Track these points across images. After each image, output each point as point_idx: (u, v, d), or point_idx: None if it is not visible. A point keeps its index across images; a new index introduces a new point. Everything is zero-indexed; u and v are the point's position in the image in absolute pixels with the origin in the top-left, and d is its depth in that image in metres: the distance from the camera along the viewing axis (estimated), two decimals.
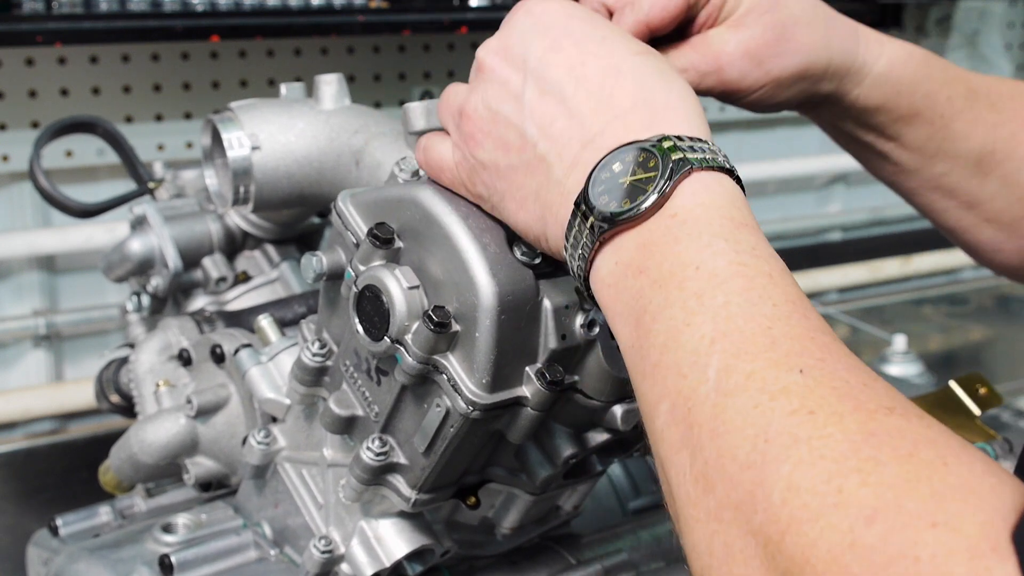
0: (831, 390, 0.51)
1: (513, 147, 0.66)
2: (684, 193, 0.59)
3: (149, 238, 1.15)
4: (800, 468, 0.48)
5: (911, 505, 0.45)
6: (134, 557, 0.94)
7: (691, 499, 0.53)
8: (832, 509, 0.46)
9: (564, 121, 0.64)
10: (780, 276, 0.57)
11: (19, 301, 1.82)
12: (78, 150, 1.74)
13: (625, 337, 0.59)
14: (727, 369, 0.53)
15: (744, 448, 0.50)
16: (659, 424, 0.56)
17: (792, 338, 0.53)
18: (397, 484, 0.79)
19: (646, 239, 0.59)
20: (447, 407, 0.71)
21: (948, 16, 2.40)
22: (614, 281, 0.60)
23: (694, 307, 0.55)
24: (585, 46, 0.65)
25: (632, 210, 0.59)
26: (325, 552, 0.86)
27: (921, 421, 0.49)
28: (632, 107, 0.62)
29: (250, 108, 1.03)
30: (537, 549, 0.96)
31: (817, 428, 0.49)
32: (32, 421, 1.81)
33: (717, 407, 0.52)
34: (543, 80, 0.65)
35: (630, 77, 0.63)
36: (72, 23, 1.60)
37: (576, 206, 0.61)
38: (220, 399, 1.00)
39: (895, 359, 1.93)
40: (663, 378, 0.55)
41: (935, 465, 0.46)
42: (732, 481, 0.50)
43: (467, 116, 0.69)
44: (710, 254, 0.57)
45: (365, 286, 0.72)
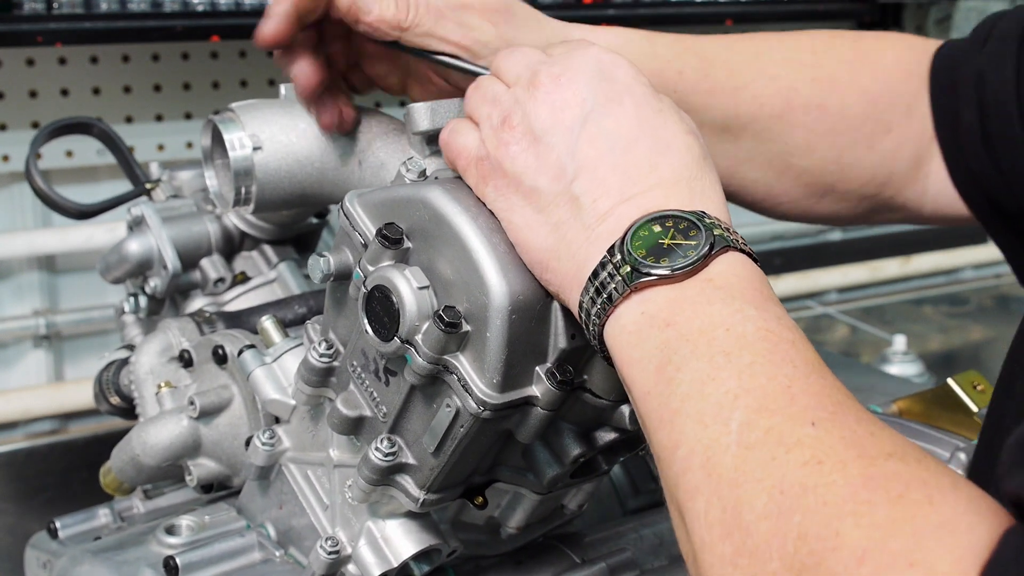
0: (839, 439, 0.54)
1: (547, 173, 0.68)
2: (720, 264, 0.63)
3: (147, 239, 1.14)
4: (808, 516, 0.51)
5: (895, 545, 0.48)
6: (138, 559, 0.94)
7: (706, 544, 0.55)
8: (831, 553, 0.49)
9: (608, 172, 0.66)
10: (802, 343, 0.61)
11: (19, 301, 1.82)
12: (78, 150, 1.74)
13: (641, 384, 0.62)
14: (748, 424, 0.56)
15: (761, 499, 0.53)
16: (675, 470, 0.58)
17: (809, 395, 0.57)
18: (405, 484, 0.79)
19: (679, 296, 0.62)
20: (457, 407, 0.71)
21: (948, 16, 2.40)
22: (637, 329, 0.63)
23: (721, 363, 0.58)
24: (643, 111, 0.68)
25: (671, 267, 0.62)
26: (332, 553, 0.85)
27: (919, 464, 0.52)
28: (675, 182, 0.66)
29: (251, 108, 1.03)
30: (542, 548, 0.96)
31: (823, 476, 0.52)
32: (32, 421, 1.81)
33: (737, 458, 0.55)
34: (598, 126, 0.68)
35: (676, 155, 0.67)
36: (72, 23, 1.59)
37: (609, 253, 0.64)
38: (223, 400, 1.00)
39: (895, 359, 1.93)
40: (682, 426, 0.58)
41: (921, 504, 0.50)
42: (748, 530, 0.53)
43: (509, 124, 0.70)
44: (740, 318, 0.60)
45: (374, 287, 0.72)
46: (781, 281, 2.35)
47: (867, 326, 2.25)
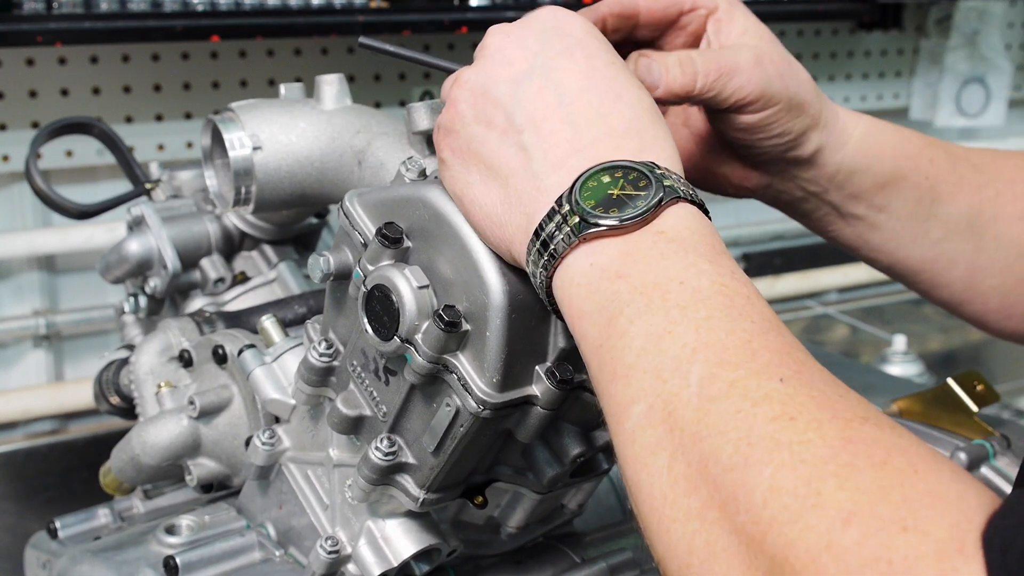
0: (810, 398, 0.53)
1: (495, 126, 0.68)
2: (671, 216, 0.62)
3: (147, 239, 1.14)
4: (781, 471, 0.50)
5: (884, 510, 0.47)
6: (138, 559, 0.94)
7: (668, 500, 0.54)
8: (811, 511, 0.48)
9: (557, 123, 0.66)
10: (757, 299, 0.60)
11: (19, 301, 1.82)
12: (78, 150, 1.74)
13: (592, 337, 0.61)
14: (710, 377, 0.55)
15: (727, 451, 0.52)
16: (630, 425, 0.57)
17: (771, 351, 0.56)
18: (405, 484, 0.79)
19: (631, 248, 0.61)
20: (457, 406, 0.71)
21: (948, 16, 2.40)
22: (586, 281, 0.62)
23: (677, 317, 0.58)
24: (594, 63, 0.68)
25: (620, 216, 0.61)
26: (332, 552, 0.85)
27: (893, 431, 0.52)
28: (625, 132, 0.66)
29: (251, 108, 1.03)
30: (542, 548, 0.96)
31: (798, 433, 0.51)
32: (32, 421, 1.81)
33: (700, 411, 0.54)
34: (547, 78, 0.67)
35: (627, 105, 0.67)
36: (72, 23, 1.59)
37: (557, 203, 0.63)
38: (222, 400, 1.00)
39: (895, 359, 1.93)
40: (639, 380, 0.57)
41: (906, 472, 0.49)
42: (715, 483, 0.52)
43: (459, 83, 0.71)
44: (695, 272, 0.59)
45: (374, 286, 0.72)
46: (781, 281, 2.35)
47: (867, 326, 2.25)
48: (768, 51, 0.84)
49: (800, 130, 0.86)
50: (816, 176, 0.90)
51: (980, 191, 0.92)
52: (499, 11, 1.86)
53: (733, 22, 0.85)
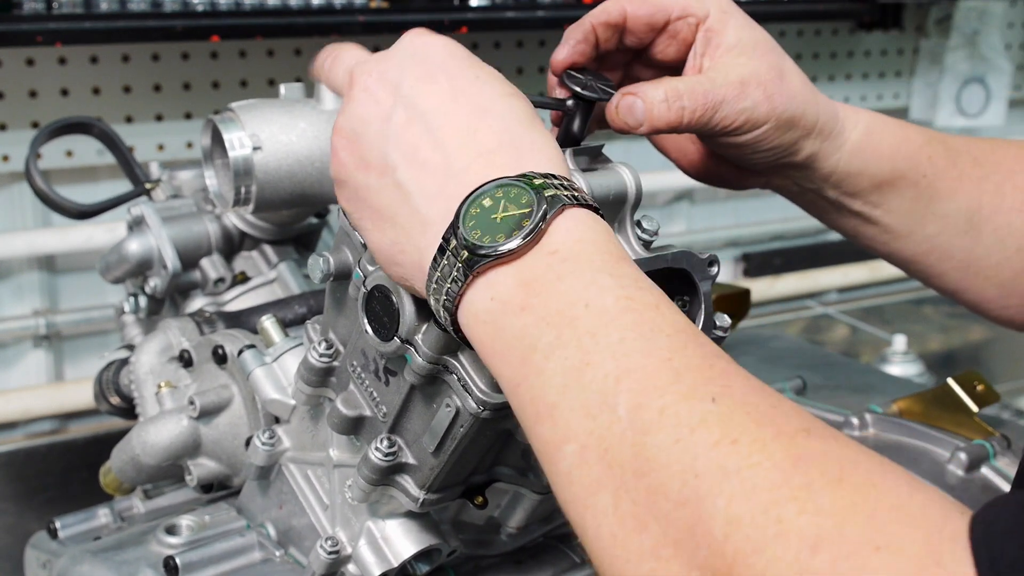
0: (746, 416, 0.52)
1: (373, 168, 0.66)
2: (560, 229, 0.60)
3: (147, 239, 1.14)
4: (736, 501, 0.49)
5: (851, 531, 0.46)
6: (138, 559, 0.94)
7: (619, 540, 0.53)
8: (775, 540, 0.47)
9: (428, 152, 0.64)
10: (666, 306, 0.58)
11: (19, 301, 1.82)
12: (78, 150, 1.74)
13: (508, 377, 0.59)
14: (638, 407, 0.53)
15: (675, 485, 0.51)
16: (565, 466, 0.56)
17: (693, 369, 0.54)
18: (405, 484, 0.79)
19: (526, 277, 0.59)
20: (457, 407, 0.71)
21: (948, 16, 2.40)
22: (490, 319, 0.60)
23: (590, 346, 0.56)
24: (457, 82, 0.66)
25: (508, 244, 0.59)
26: (332, 552, 0.85)
27: (838, 442, 0.51)
28: (497, 147, 0.63)
29: (251, 108, 1.03)
30: (542, 548, 0.96)
31: (743, 458, 0.50)
32: (32, 421, 1.81)
33: (637, 446, 0.52)
34: (412, 108, 0.65)
35: (497, 118, 0.64)
36: (72, 23, 1.59)
37: (445, 240, 0.61)
38: (223, 400, 1.00)
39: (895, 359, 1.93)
40: (566, 420, 0.56)
41: (866, 488, 0.48)
42: (668, 519, 0.51)
43: (336, 131, 0.69)
44: (597, 291, 0.58)
45: (374, 286, 0.72)
46: (781, 281, 2.36)
47: (867, 326, 2.25)
48: (756, 71, 0.82)
49: (790, 142, 0.85)
50: (811, 176, 0.90)
51: (980, 185, 0.92)
52: (499, 11, 1.86)
53: (724, 34, 0.83)
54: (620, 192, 0.75)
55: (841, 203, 0.92)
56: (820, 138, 0.87)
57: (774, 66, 0.83)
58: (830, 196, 0.91)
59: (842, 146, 0.88)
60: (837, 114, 0.88)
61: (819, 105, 0.86)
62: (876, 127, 0.90)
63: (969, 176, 0.92)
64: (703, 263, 0.76)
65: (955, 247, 0.93)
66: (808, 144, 0.87)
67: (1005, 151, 0.94)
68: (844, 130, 0.88)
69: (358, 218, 0.69)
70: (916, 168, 0.90)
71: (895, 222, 0.92)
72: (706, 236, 2.33)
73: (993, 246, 0.93)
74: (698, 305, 0.76)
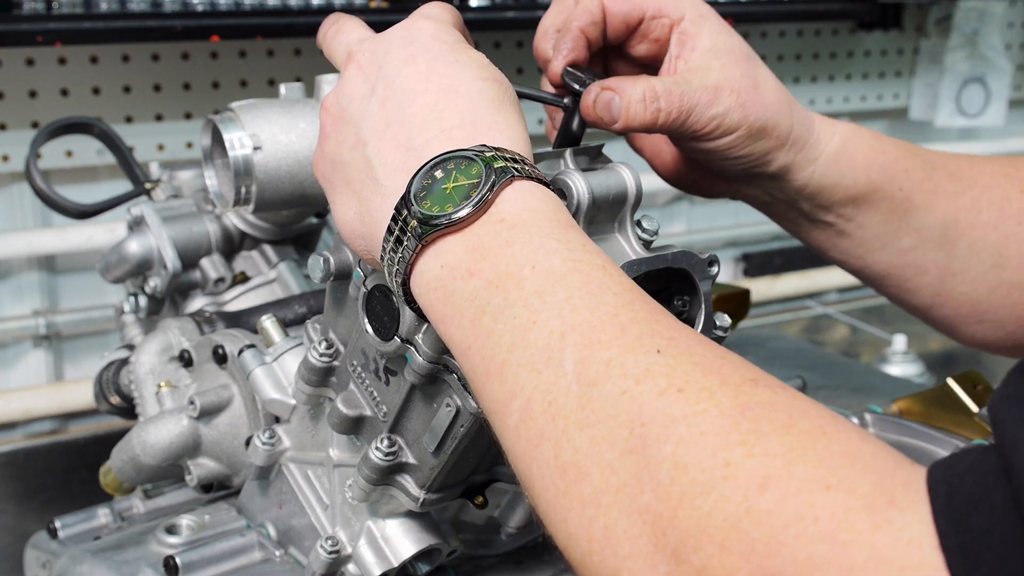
0: (692, 366, 0.52)
1: (347, 144, 0.68)
2: (508, 199, 0.61)
3: (147, 239, 1.14)
4: (683, 445, 0.49)
5: (801, 471, 0.47)
6: (138, 559, 0.94)
7: (560, 489, 0.54)
8: (723, 481, 0.47)
9: (396, 129, 0.66)
10: (612, 268, 0.59)
11: (19, 301, 1.82)
12: (78, 150, 1.74)
13: (459, 340, 0.60)
14: (584, 360, 0.54)
15: (621, 434, 0.51)
16: (513, 421, 0.56)
17: (639, 322, 0.55)
18: (405, 484, 0.79)
19: (475, 243, 0.60)
20: (457, 406, 0.71)
21: (948, 16, 2.40)
22: (440, 285, 0.61)
23: (537, 305, 0.57)
24: (435, 64, 0.67)
25: (457, 211, 0.60)
26: (332, 552, 0.85)
27: (786, 392, 0.51)
28: (459, 124, 0.65)
29: (251, 108, 1.03)
30: (542, 548, 0.96)
31: (690, 405, 0.50)
32: (32, 421, 1.81)
33: (582, 397, 0.53)
34: (390, 88, 0.67)
35: (464, 99, 0.66)
36: (72, 23, 1.59)
37: (397, 210, 0.63)
38: (223, 400, 1.00)
39: (895, 359, 1.93)
40: (513, 376, 0.56)
41: (815, 435, 0.48)
42: (611, 467, 0.51)
43: (323, 107, 0.72)
44: (544, 254, 0.59)
45: (375, 286, 0.72)
46: (781, 281, 2.35)
47: (867, 326, 2.25)
48: (730, 77, 0.82)
49: (762, 152, 0.85)
50: (783, 187, 0.89)
51: (956, 199, 0.91)
52: (499, 11, 1.86)
53: (699, 38, 0.83)
54: (620, 192, 0.75)
55: (814, 215, 0.92)
56: (794, 149, 0.87)
57: (748, 74, 0.84)
58: (803, 207, 0.91)
59: (817, 158, 0.88)
60: (813, 125, 0.88)
61: (793, 116, 0.86)
62: (851, 139, 0.89)
63: (945, 190, 0.91)
64: (703, 263, 0.76)
65: (930, 261, 0.92)
66: (781, 155, 0.86)
67: (982, 167, 0.93)
68: (819, 142, 0.88)
69: (329, 190, 0.71)
70: (892, 181, 0.90)
71: (869, 235, 0.92)
72: (706, 236, 2.33)
73: (969, 261, 0.92)
74: (698, 305, 0.76)
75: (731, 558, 0.46)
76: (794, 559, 0.45)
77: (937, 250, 0.92)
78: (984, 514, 0.44)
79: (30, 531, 1.12)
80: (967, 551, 0.43)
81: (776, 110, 0.85)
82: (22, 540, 1.12)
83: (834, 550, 0.44)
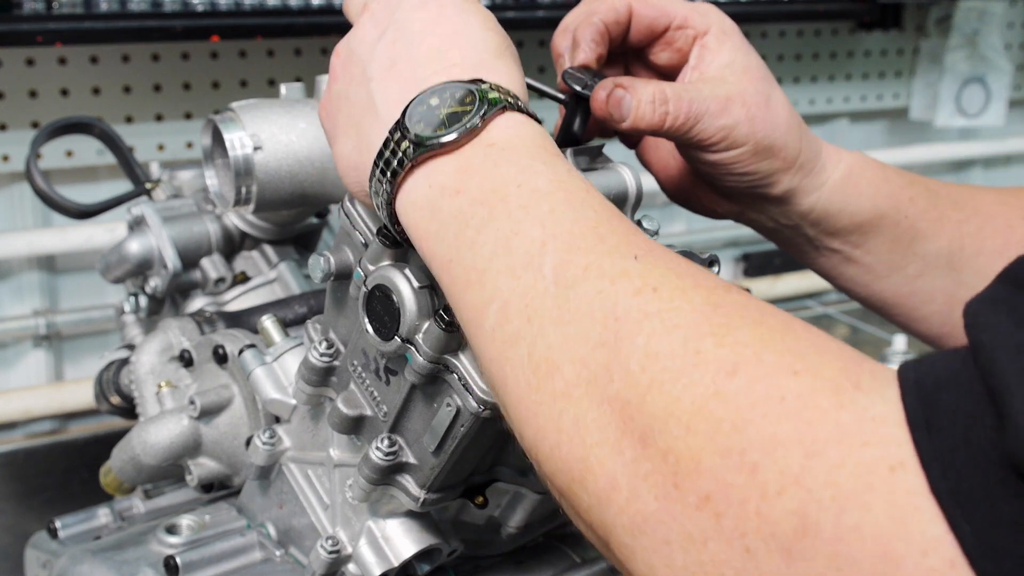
0: (668, 270, 0.54)
1: (354, 81, 0.70)
2: (499, 127, 0.64)
3: (147, 239, 1.14)
4: (655, 337, 0.51)
5: (770, 358, 0.48)
6: (138, 559, 0.94)
7: (532, 385, 0.55)
8: (692, 368, 0.49)
9: (401, 66, 0.68)
10: (596, 193, 0.61)
11: (19, 301, 1.82)
12: (78, 150, 1.74)
13: (441, 255, 0.62)
14: (563, 264, 0.55)
15: (595, 330, 0.53)
16: (489, 324, 0.58)
17: (618, 234, 0.57)
18: (406, 484, 0.79)
19: (463, 164, 0.62)
20: (457, 406, 0.71)
21: (948, 16, 2.40)
22: (427, 203, 0.63)
23: (520, 217, 0.59)
24: (445, 11, 0.70)
25: (448, 134, 0.62)
26: (332, 552, 0.85)
27: (757, 299, 0.53)
28: (460, 62, 0.67)
29: (251, 108, 1.03)
30: (542, 548, 0.96)
31: (664, 302, 0.52)
32: (32, 421, 1.81)
33: (559, 298, 0.55)
34: (399, 31, 0.69)
35: (469, 42, 0.68)
36: (72, 23, 1.59)
37: (391, 134, 0.65)
38: (223, 400, 1.00)
39: (895, 359, 1.93)
40: (493, 282, 0.58)
41: (784, 330, 0.50)
42: (583, 360, 0.53)
43: (335, 52, 0.74)
44: (531, 174, 0.61)
45: (375, 286, 0.72)
46: (781, 281, 2.36)
47: (867, 326, 2.25)
48: (745, 92, 0.83)
49: (768, 171, 0.86)
50: (788, 212, 0.90)
51: (961, 227, 0.92)
52: (499, 11, 1.86)
53: (719, 53, 0.84)
54: (620, 192, 0.75)
55: (820, 241, 0.92)
56: (800, 174, 0.87)
57: (761, 92, 0.84)
58: (808, 234, 0.91)
59: (822, 184, 0.88)
60: (820, 152, 0.88)
61: (802, 140, 0.87)
62: (857, 167, 0.90)
63: (950, 218, 0.92)
64: (703, 263, 0.76)
65: (937, 288, 0.92)
66: (787, 178, 0.87)
67: (984, 196, 0.94)
68: (825, 168, 0.88)
69: (330, 126, 0.73)
70: (897, 209, 0.90)
71: (876, 262, 0.92)
72: (706, 236, 2.33)
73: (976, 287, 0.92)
74: None
75: (696, 439, 0.47)
76: (759, 436, 0.46)
77: (944, 277, 0.92)
78: (951, 392, 0.44)
79: (30, 531, 1.12)
80: (932, 425, 0.44)
81: (785, 131, 0.85)
82: (22, 540, 1.13)
83: (798, 428, 0.45)
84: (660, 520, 0.48)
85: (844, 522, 0.43)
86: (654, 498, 0.49)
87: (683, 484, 0.48)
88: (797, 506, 0.44)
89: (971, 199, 0.93)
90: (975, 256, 0.92)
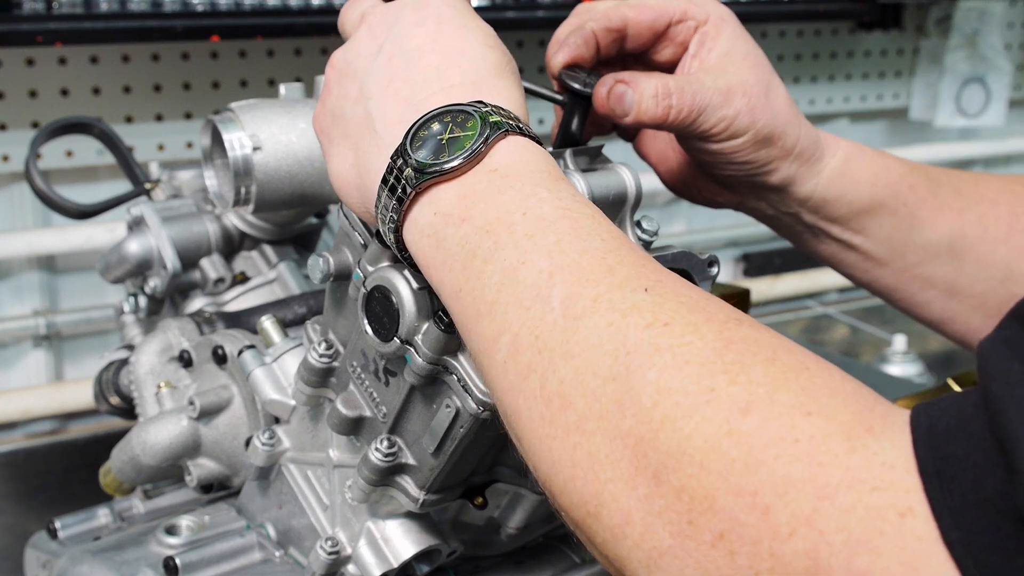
0: (679, 304, 0.53)
1: (350, 98, 0.70)
2: (501, 152, 0.63)
3: (147, 239, 1.14)
4: (667, 372, 0.50)
5: (784, 397, 0.48)
6: (138, 559, 0.94)
7: (545, 419, 0.54)
8: (705, 405, 0.48)
9: (399, 84, 0.67)
10: (601, 218, 0.61)
11: (19, 301, 1.82)
12: (78, 150, 1.74)
13: (450, 284, 0.62)
14: (571, 296, 0.55)
15: (605, 363, 0.52)
16: (500, 357, 0.58)
17: (627, 265, 0.56)
18: (405, 485, 0.79)
19: (467, 191, 0.62)
20: (457, 407, 0.71)
21: (948, 16, 2.40)
22: (433, 231, 0.62)
23: (527, 247, 0.58)
24: (444, 27, 0.69)
25: (451, 160, 0.62)
26: (332, 553, 0.85)
27: (770, 331, 0.53)
28: (460, 83, 0.67)
29: (251, 108, 1.03)
30: (542, 548, 0.96)
31: (676, 337, 0.51)
32: (32, 421, 1.81)
33: (568, 331, 0.54)
34: (397, 46, 0.69)
35: (468, 61, 0.68)
36: (72, 23, 1.59)
37: (393, 159, 0.64)
38: (222, 400, 1.00)
39: (895, 359, 1.93)
40: (502, 313, 0.58)
41: (798, 368, 0.49)
42: (594, 394, 0.52)
43: (330, 63, 0.73)
44: (535, 201, 0.60)
45: (374, 287, 0.72)
46: (781, 281, 2.35)
47: (867, 326, 2.25)
48: (744, 81, 0.83)
49: (766, 160, 0.86)
50: (787, 200, 0.90)
51: (962, 215, 0.92)
52: (499, 11, 1.86)
53: (718, 41, 0.84)
54: (620, 192, 0.75)
55: (820, 228, 0.92)
56: (798, 162, 0.87)
57: (761, 81, 0.85)
58: (807, 221, 0.92)
59: (820, 172, 0.89)
60: (818, 140, 0.89)
61: (801, 128, 0.87)
62: (855, 156, 0.90)
63: (951, 206, 0.92)
64: (703, 263, 0.76)
65: (937, 276, 0.93)
66: (785, 165, 0.87)
67: (987, 184, 0.94)
68: (823, 156, 0.89)
69: (326, 143, 0.72)
70: (896, 196, 0.91)
71: (876, 249, 0.92)
72: (706, 236, 2.33)
73: (977, 275, 0.93)
74: None
75: (710, 477, 0.47)
76: (771, 477, 0.46)
77: (944, 265, 0.92)
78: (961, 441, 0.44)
79: (30, 531, 1.12)
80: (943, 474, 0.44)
81: (784, 120, 0.85)
82: (22, 540, 1.12)
83: (810, 470, 0.45)
84: (675, 555, 0.48)
85: (855, 566, 0.43)
86: (669, 534, 0.49)
87: (697, 521, 0.48)
88: (809, 548, 0.44)
89: (974, 187, 0.93)
90: (977, 243, 0.92)
